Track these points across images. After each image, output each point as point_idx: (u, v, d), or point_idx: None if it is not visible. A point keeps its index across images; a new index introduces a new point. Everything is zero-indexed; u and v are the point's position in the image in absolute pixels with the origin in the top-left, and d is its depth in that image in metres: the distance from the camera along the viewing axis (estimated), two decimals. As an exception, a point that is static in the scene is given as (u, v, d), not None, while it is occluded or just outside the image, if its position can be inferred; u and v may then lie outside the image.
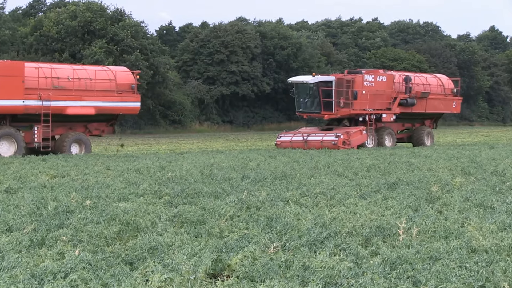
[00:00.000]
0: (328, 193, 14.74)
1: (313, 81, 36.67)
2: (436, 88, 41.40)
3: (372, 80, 37.26)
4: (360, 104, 36.73)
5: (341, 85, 36.49)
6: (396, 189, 15.40)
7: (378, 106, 37.55)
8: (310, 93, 37.15)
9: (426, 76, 43.15)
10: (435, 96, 40.80)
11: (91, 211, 12.10)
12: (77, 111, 30.76)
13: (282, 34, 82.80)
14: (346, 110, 36.46)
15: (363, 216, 11.65)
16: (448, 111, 43.12)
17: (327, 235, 9.98)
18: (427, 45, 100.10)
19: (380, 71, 39.61)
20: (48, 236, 9.96)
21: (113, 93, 32.20)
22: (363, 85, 36.82)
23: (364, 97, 36.74)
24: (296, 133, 36.81)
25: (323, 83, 36.66)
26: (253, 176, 18.06)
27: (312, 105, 37.30)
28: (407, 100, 38.68)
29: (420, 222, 10.95)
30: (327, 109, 36.58)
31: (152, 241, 9.53)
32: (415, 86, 39.82)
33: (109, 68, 33.89)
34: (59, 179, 18.26)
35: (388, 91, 38.00)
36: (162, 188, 15.57)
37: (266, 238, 9.83)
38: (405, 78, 39.25)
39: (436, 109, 41.33)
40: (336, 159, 24.82)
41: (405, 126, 41.22)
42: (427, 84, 41.08)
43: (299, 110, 38.02)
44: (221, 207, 12.58)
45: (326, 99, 36.42)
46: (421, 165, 22.02)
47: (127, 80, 33.26)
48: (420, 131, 40.69)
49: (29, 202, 13.11)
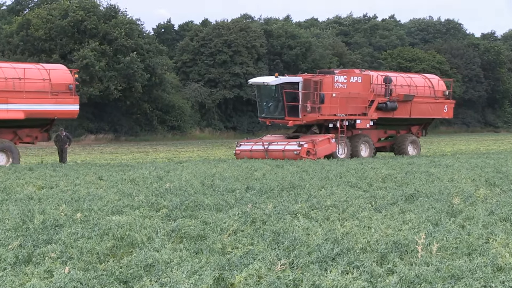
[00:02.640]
0: (340, 205, 14.72)
1: (275, 82, 35.25)
2: (424, 90, 39.57)
3: (344, 81, 35.69)
4: (329, 109, 35.20)
5: (309, 87, 34.99)
6: (415, 202, 15.38)
7: (351, 110, 35.97)
8: (274, 96, 35.83)
9: (412, 76, 41.22)
10: (422, 99, 39.06)
11: (82, 225, 12.11)
12: (2, 116, 29.40)
13: (290, 32, 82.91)
14: (313, 116, 35.02)
15: (378, 231, 11.63)
16: (438, 117, 41.40)
17: (339, 252, 9.97)
18: (448, 45, 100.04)
19: (356, 71, 38.35)
20: (35, 253, 9.96)
21: (47, 94, 30.59)
22: (333, 87, 35.27)
23: (334, 101, 35.20)
24: (257, 141, 35.52)
25: (288, 85, 35.15)
26: (258, 187, 18.06)
27: (276, 110, 35.99)
28: (386, 104, 36.97)
29: (441, 238, 10.93)
30: (292, 115, 35.13)
31: (148, 258, 9.53)
32: (397, 87, 38.06)
33: (42, 66, 32.24)
34: (47, 190, 18.27)
35: (363, 93, 36.30)
36: (159, 200, 15.58)
37: (272, 254, 9.82)
38: (385, 79, 37.53)
39: (423, 114, 39.52)
40: (349, 169, 24.81)
41: (388, 134, 39.64)
42: (412, 85, 39.23)
43: (262, 116, 36.75)
44: (223, 220, 12.58)
45: (291, 103, 34.98)
46: (442, 175, 21.98)
47: (64, 79, 31.59)
48: (403, 139, 38.97)
49: (15, 216, 13.12)
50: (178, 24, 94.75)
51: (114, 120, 67.84)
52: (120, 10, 68.87)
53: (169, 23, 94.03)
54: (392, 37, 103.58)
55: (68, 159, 34.06)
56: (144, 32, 72.99)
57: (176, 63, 79.18)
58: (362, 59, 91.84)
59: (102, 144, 60.89)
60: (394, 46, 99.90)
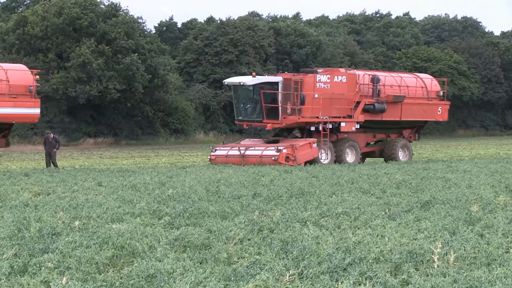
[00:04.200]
0: (352, 213, 14.71)
1: (252, 82, 34.45)
2: (416, 90, 38.67)
3: (327, 81, 34.82)
4: (311, 111, 34.28)
5: (289, 87, 34.13)
6: (430, 209, 15.35)
7: (335, 112, 35.00)
8: (252, 98, 35.08)
9: (403, 76, 40.40)
10: (413, 100, 38.21)
11: (80, 234, 12.12)
12: None
13: (299, 31, 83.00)
14: (293, 118, 34.16)
15: (392, 239, 11.62)
16: (431, 119, 40.57)
17: (351, 262, 9.96)
18: (466, 43, 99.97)
19: (341, 70, 37.60)
20: (31, 262, 9.97)
21: (4, 96, 29.74)
22: (315, 87, 34.39)
23: (316, 102, 34.31)
24: (234, 146, 34.98)
25: (266, 85, 34.46)
26: (266, 194, 18.06)
27: (254, 112, 35.16)
28: (374, 105, 36.01)
29: (458, 247, 10.91)
30: (271, 117, 34.22)
31: (150, 268, 9.53)
32: (387, 88, 37.25)
33: (0, 66, 31.24)
34: (43, 196, 18.30)
35: (349, 94, 35.41)
36: (161, 207, 15.59)
37: (280, 264, 9.81)
38: (372, 78, 36.52)
39: (415, 116, 38.54)
40: (361, 174, 24.79)
41: (377, 138, 38.67)
42: (403, 85, 38.30)
43: (238, 119, 35.96)
44: (229, 229, 12.58)
45: (269, 104, 34.20)
46: (459, 181, 21.94)
47: (24, 80, 30.68)
48: (392, 144, 38.02)
49: (9, 223, 13.14)
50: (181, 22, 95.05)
51: (114, 123, 67.98)
52: (121, 9, 69.07)
53: (172, 21, 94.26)
54: (407, 35, 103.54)
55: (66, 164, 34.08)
56: (146, 30, 73.17)
57: (179, 63, 79.36)
58: (375, 59, 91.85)
59: (102, 148, 61.01)
60: (408, 45, 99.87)
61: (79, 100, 62.88)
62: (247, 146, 34.20)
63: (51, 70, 63.72)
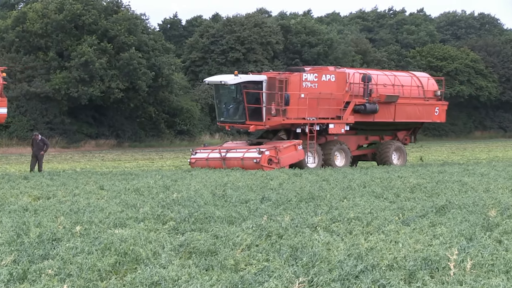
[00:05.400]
0: (364, 218, 14.71)
1: (234, 81, 33.83)
2: (411, 89, 37.82)
3: (314, 80, 34.14)
4: (297, 111, 33.67)
5: (273, 86, 33.50)
6: (446, 214, 15.34)
7: (323, 113, 34.31)
8: (234, 98, 34.57)
9: (397, 74, 39.39)
10: (408, 100, 37.38)
11: (81, 239, 12.15)
12: None
13: (309, 28, 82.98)
14: (277, 119, 33.51)
15: (406, 246, 11.61)
16: (428, 120, 39.46)
17: (363, 269, 9.95)
18: (483, 41, 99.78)
19: (330, 68, 36.59)
20: (30, 269, 10.00)
21: None
22: (301, 87, 33.74)
23: (302, 102, 33.66)
24: (215, 148, 34.46)
25: (249, 84, 33.80)
26: (274, 198, 18.07)
27: (236, 113, 34.58)
28: (365, 105, 35.27)
29: (475, 254, 10.89)
30: (255, 118, 33.68)
31: (154, 275, 9.55)
32: (379, 87, 36.38)
33: None
34: (43, 201, 18.35)
35: (338, 94, 34.67)
36: (166, 211, 15.61)
37: (290, 272, 9.82)
38: (363, 77, 35.69)
39: (410, 117, 37.68)
40: (373, 178, 24.78)
41: (370, 140, 37.96)
42: (397, 84, 37.46)
43: (220, 120, 35.45)
44: (236, 234, 12.59)
45: (252, 105, 33.62)
46: (476, 185, 21.91)
47: None
48: (385, 147, 37.20)
49: (8, 229, 13.17)
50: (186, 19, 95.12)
51: (116, 124, 68.05)
52: (123, 5, 69.15)
53: (176, 17, 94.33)
54: (421, 33, 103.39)
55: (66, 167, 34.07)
56: (149, 28, 73.23)
57: (184, 62, 79.41)
58: (388, 57, 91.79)
59: (103, 150, 61.09)
60: (423, 43, 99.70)
61: (81, 100, 62.98)
62: (229, 148, 33.64)
63: (51, 69, 63.84)
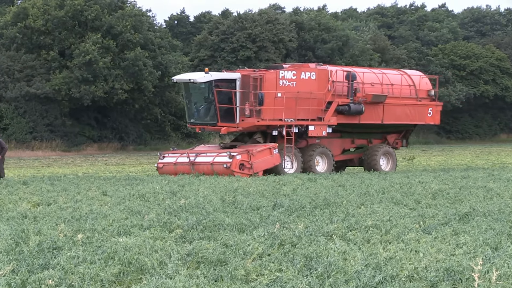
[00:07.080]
0: (382, 226, 14.68)
1: (204, 79, 32.69)
2: (401, 89, 36.67)
3: (292, 78, 33.04)
4: (272, 112, 32.54)
5: (247, 85, 32.49)
6: (470, 222, 15.29)
7: (302, 114, 33.21)
8: (205, 97, 33.78)
9: (386, 72, 38.13)
10: (398, 100, 36.29)
11: (83, 248, 12.16)
12: None
13: (324, 24, 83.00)
14: (251, 121, 32.47)
15: (427, 255, 11.59)
16: (420, 122, 38.14)
17: (382, 280, 9.94)
18: (509, 38, 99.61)
19: (311, 65, 35.16)
20: (30, 279, 10.02)
21: None
22: (277, 85, 32.68)
23: (278, 102, 32.55)
24: (184, 152, 33.56)
25: (221, 83, 32.80)
26: (287, 204, 18.05)
27: (207, 114, 33.68)
28: (349, 106, 34.08)
29: (501, 264, 10.86)
30: (227, 120, 32.63)
31: (160, 286, 9.55)
32: (366, 86, 35.25)
33: None
34: (43, 207, 18.38)
35: (319, 93, 33.45)
36: (172, 219, 15.62)
37: (304, 282, 9.81)
38: (347, 75, 34.44)
39: (400, 119, 36.55)
40: (392, 183, 24.74)
41: (357, 144, 36.85)
42: (386, 83, 36.30)
43: (190, 121, 34.55)
44: (247, 243, 12.59)
45: (224, 105, 32.63)
46: (502, 190, 21.84)
47: None
48: (373, 151, 36.09)
49: (6, 237, 13.20)
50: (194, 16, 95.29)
51: (120, 126, 68.21)
52: (128, 0, 69.34)
53: (183, 14, 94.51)
54: (443, 29, 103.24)
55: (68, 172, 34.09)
56: (155, 24, 73.40)
57: (192, 61, 79.49)
58: (408, 55, 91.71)
59: (107, 154, 61.23)
60: (445, 41, 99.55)
61: (84, 101, 63.12)
62: (198, 152, 32.89)
63: (52, 69, 64.01)
